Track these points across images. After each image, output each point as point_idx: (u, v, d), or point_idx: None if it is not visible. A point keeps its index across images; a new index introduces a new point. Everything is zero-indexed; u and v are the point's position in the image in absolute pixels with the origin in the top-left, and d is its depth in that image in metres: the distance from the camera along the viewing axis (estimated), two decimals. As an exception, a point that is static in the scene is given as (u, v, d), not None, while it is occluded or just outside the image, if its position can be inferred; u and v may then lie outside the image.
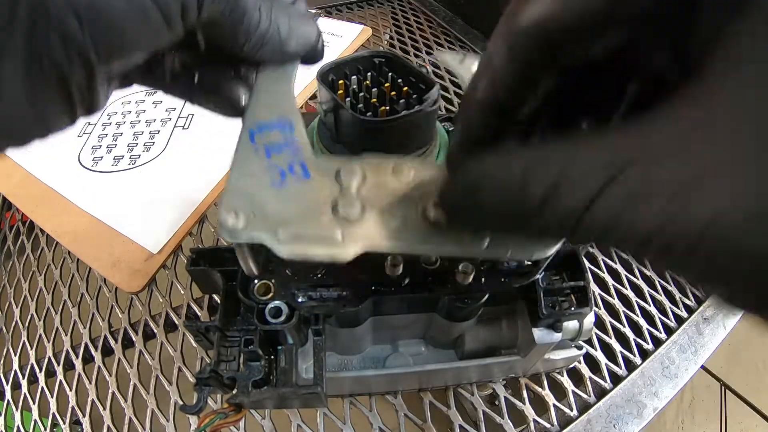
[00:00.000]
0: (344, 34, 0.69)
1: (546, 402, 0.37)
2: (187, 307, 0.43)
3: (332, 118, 0.29)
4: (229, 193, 0.21)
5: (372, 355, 0.35)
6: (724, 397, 0.96)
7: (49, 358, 0.41)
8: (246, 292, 0.28)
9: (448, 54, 0.68)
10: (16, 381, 0.41)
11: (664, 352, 0.39)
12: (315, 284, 0.29)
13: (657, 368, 0.38)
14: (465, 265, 0.29)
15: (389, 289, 0.29)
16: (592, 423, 0.36)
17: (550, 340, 0.31)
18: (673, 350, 0.40)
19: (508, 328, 0.33)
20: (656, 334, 0.41)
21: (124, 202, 0.49)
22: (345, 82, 0.33)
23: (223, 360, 0.26)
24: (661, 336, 0.41)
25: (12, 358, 0.42)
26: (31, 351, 0.42)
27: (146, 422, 0.36)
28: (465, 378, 0.37)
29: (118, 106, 0.60)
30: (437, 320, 0.31)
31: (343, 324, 0.30)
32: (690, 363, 0.39)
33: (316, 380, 0.26)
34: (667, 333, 0.41)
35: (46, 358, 0.41)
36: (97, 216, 0.48)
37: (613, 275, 0.45)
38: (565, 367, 0.37)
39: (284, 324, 0.26)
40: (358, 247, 0.20)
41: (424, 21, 0.78)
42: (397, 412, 0.36)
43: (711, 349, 0.40)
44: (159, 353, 0.40)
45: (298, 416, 0.36)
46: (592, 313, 0.31)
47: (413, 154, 0.31)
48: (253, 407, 0.30)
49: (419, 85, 0.31)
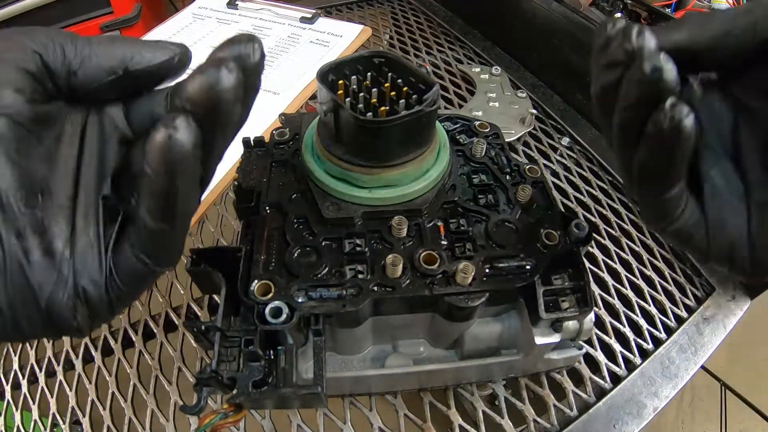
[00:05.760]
0: (344, 34, 0.69)
1: (546, 402, 0.37)
2: (187, 307, 0.43)
3: (332, 118, 0.29)
4: None
5: (372, 355, 0.35)
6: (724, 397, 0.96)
7: (49, 358, 0.41)
8: (246, 292, 0.28)
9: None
10: (16, 381, 0.41)
11: (664, 352, 0.39)
12: (315, 284, 0.29)
13: (657, 368, 0.38)
14: (465, 265, 0.29)
15: (389, 289, 0.29)
16: (592, 423, 0.35)
17: (550, 340, 0.31)
18: (673, 350, 0.40)
19: (508, 328, 0.33)
20: (656, 334, 0.41)
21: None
22: (345, 82, 0.33)
23: (223, 360, 0.26)
24: (661, 336, 0.41)
25: (12, 358, 0.42)
26: (30, 351, 0.42)
27: (146, 422, 0.36)
28: (465, 378, 0.37)
29: (118, 106, 0.60)
30: (437, 320, 0.31)
31: (343, 324, 0.30)
32: (690, 363, 0.39)
33: (316, 380, 0.26)
34: (667, 333, 0.41)
35: (46, 358, 0.41)
36: (97, 216, 0.48)
37: (613, 275, 0.45)
38: (565, 367, 0.37)
39: (284, 324, 0.26)
40: None
41: (424, 21, 0.78)
42: (397, 412, 0.36)
43: (711, 349, 0.40)
44: (159, 353, 0.40)
45: (298, 416, 0.36)
46: (592, 313, 0.31)
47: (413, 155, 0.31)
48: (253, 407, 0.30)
49: (419, 85, 0.31)
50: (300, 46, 0.68)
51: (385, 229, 0.31)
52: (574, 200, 0.51)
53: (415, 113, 0.28)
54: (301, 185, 0.34)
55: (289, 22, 0.72)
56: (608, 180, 0.54)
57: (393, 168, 0.31)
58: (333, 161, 0.31)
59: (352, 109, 0.29)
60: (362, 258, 0.30)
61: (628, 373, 0.38)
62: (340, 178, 0.32)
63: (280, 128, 0.38)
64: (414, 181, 0.32)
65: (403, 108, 0.31)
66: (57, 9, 0.97)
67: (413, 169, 0.31)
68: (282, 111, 0.55)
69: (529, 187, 0.34)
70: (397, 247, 0.31)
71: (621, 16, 0.69)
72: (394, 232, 0.31)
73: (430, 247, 0.30)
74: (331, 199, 0.32)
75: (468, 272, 0.28)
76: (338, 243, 0.31)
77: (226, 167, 0.51)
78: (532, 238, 0.32)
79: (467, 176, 0.36)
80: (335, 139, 0.30)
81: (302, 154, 0.34)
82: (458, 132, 0.39)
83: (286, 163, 0.36)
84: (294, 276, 0.29)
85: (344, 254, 0.30)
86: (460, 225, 0.32)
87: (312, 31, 0.71)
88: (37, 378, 0.40)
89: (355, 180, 0.31)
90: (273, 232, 0.32)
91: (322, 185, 0.32)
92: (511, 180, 0.35)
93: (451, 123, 0.40)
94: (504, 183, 0.35)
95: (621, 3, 0.71)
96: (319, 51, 0.67)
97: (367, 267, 0.30)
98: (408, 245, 0.31)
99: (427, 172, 0.32)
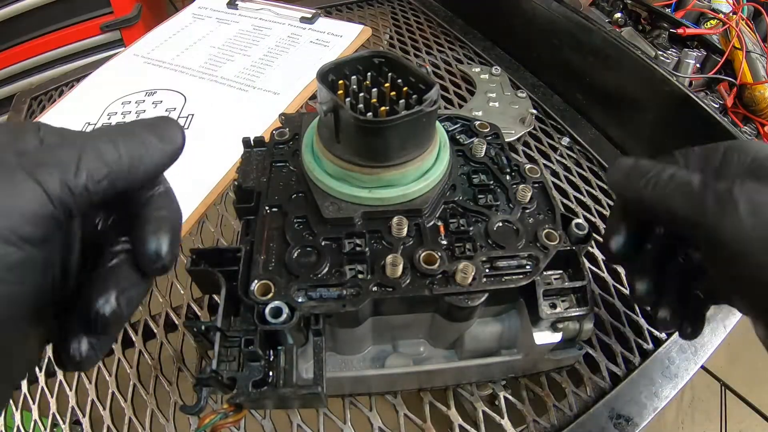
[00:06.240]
0: (344, 34, 0.69)
1: (546, 402, 0.37)
2: (187, 307, 0.43)
3: (332, 119, 0.29)
4: None
5: (372, 355, 0.35)
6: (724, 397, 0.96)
7: (49, 358, 0.41)
8: (246, 292, 0.28)
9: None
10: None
11: (664, 352, 0.39)
12: (315, 284, 0.29)
13: (657, 368, 0.38)
14: (465, 265, 0.29)
15: (389, 289, 0.29)
16: (592, 423, 0.35)
17: (550, 340, 0.31)
18: (673, 350, 0.39)
19: (508, 328, 0.33)
20: (656, 334, 0.41)
21: (124, 202, 0.49)
22: (345, 82, 0.33)
23: (223, 360, 0.26)
24: (661, 336, 0.41)
25: (12, 358, 0.42)
26: (31, 351, 0.42)
27: (146, 422, 0.36)
28: (465, 378, 0.37)
29: (118, 106, 0.60)
30: (437, 320, 0.31)
31: (343, 324, 0.30)
32: (690, 363, 0.39)
33: (315, 380, 0.26)
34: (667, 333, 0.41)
35: (46, 358, 0.41)
36: (97, 216, 0.48)
37: (613, 275, 0.45)
38: (565, 367, 0.37)
39: (284, 324, 0.26)
40: None
41: (424, 21, 0.78)
42: (397, 412, 0.36)
43: (711, 349, 0.40)
44: (159, 353, 0.40)
45: (298, 416, 0.36)
46: (592, 313, 0.31)
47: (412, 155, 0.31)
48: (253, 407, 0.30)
49: (419, 85, 0.31)
50: (300, 46, 0.68)
51: (385, 229, 0.31)
52: (574, 200, 0.51)
53: (415, 113, 0.28)
54: (301, 185, 0.34)
55: (289, 22, 0.73)
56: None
57: (393, 168, 0.31)
58: (333, 161, 0.31)
59: (352, 109, 0.29)
60: (362, 258, 0.30)
61: (628, 374, 0.38)
62: (340, 178, 0.32)
63: (280, 128, 0.38)
64: (414, 181, 0.32)
65: (403, 108, 0.31)
66: (57, 9, 0.97)
67: (413, 169, 0.31)
68: (282, 111, 0.55)
69: (529, 187, 0.34)
70: (397, 247, 0.31)
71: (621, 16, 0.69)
72: (394, 232, 0.31)
73: (430, 247, 0.30)
74: (331, 199, 0.32)
75: (468, 272, 0.28)
76: (338, 243, 0.31)
77: (226, 167, 0.51)
78: (532, 238, 0.32)
79: (467, 176, 0.36)
80: (335, 140, 0.30)
81: (302, 154, 0.34)
82: (458, 132, 0.39)
83: (286, 163, 0.36)
84: (294, 276, 0.29)
85: (344, 254, 0.30)
86: (460, 225, 0.32)
87: (312, 31, 0.71)
88: (37, 378, 0.40)
89: (355, 180, 0.31)
90: (273, 232, 0.32)
91: (322, 185, 0.32)
92: (511, 180, 0.35)
93: (451, 123, 0.40)
94: (504, 183, 0.35)
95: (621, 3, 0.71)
96: (319, 51, 0.67)
97: (367, 267, 0.30)
98: (408, 245, 0.31)
99: (427, 172, 0.32)
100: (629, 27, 0.68)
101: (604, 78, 0.58)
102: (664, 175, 0.25)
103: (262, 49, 0.68)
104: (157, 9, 1.19)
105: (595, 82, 0.59)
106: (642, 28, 0.68)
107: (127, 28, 1.04)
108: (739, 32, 0.59)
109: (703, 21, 0.68)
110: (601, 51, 0.56)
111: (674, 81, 0.50)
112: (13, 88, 1.01)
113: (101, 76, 0.66)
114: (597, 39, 0.56)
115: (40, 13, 0.96)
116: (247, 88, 0.61)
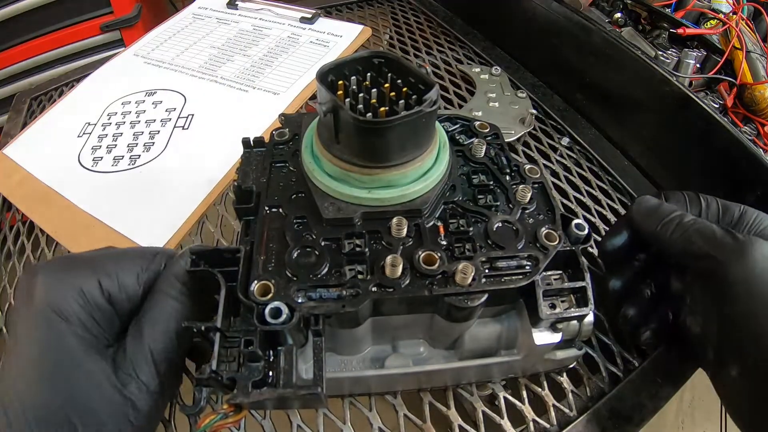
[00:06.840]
0: (344, 34, 0.69)
1: (545, 402, 0.37)
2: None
3: (331, 119, 0.29)
4: None
5: (372, 355, 0.35)
6: (724, 397, 0.96)
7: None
8: (246, 292, 0.28)
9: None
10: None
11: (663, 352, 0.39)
12: (315, 285, 0.29)
13: (657, 368, 0.38)
14: (464, 266, 0.29)
15: (389, 290, 0.29)
16: (592, 423, 0.36)
17: (550, 340, 0.31)
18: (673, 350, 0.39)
19: (507, 328, 0.33)
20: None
21: (124, 203, 0.49)
22: (344, 82, 0.33)
23: (223, 360, 0.26)
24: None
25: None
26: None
27: (146, 422, 0.36)
28: (465, 378, 0.37)
29: (118, 106, 0.60)
30: (437, 321, 0.31)
31: (343, 324, 0.30)
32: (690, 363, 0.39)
33: (315, 381, 0.26)
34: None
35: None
36: (97, 216, 0.48)
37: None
38: (565, 367, 0.37)
39: (284, 325, 0.26)
40: None
41: (424, 21, 0.78)
42: (396, 412, 0.36)
43: (711, 349, 0.40)
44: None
45: (298, 416, 0.36)
46: (591, 313, 0.31)
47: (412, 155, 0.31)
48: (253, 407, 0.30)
49: (419, 85, 0.31)
50: (300, 46, 0.68)
51: (384, 230, 0.31)
52: (574, 200, 0.51)
53: (414, 113, 0.28)
54: (300, 186, 0.34)
55: (289, 23, 0.73)
56: (608, 180, 0.54)
57: (393, 168, 0.31)
58: (332, 161, 0.31)
59: (352, 110, 0.29)
60: (362, 258, 0.30)
61: (628, 374, 0.38)
62: (340, 179, 0.32)
63: (280, 128, 0.38)
64: (414, 181, 0.32)
65: (402, 108, 0.31)
66: (57, 9, 0.97)
67: (413, 169, 0.31)
68: (282, 111, 0.55)
69: (529, 187, 0.34)
70: (396, 247, 0.31)
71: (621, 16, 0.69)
72: (394, 233, 0.31)
73: (430, 248, 0.30)
74: (331, 200, 0.32)
75: (467, 272, 0.28)
76: (338, 243, 0.31)
77: (226, 167, 0.51)
78: (531, 238, 0.32)
79: (467, 176, 0.36)
80: (335, 140, 0.30)
81: (302, 155, 0.34)
82: (458, 132, 0.39)
83: (286, 164, 0.36)
84: (294, 276, 0.29)
85: (344, 255, 0.30)
86: (460, 225, 0.32)
87: (312, 31, 0.71)
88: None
89: (355, 180, 0.31)
90: (273, 232, 0.32)
91: (322, 185, 0.32)
92: (511, 180, 0.35)
93: (450, 123, 0.40)
94: (504, 183, 0.35)
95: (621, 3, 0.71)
96: (319, 51, 0.67)
97: (366, 267, 0.30)
98: (407, 246, 0.31)
99: (426, 172, 0.32)
100: (629, 27, 0.68)
101: (604, 78, 0.58)
102: (686, 219, 0.32)
103: (262, 50, 0.68)
104: (157, 9, 1.19)
105: (595, 82, 0.59)
106: (642, 28, 0.68)
107: (127, 29, 1.04)
108: (739, 32, 0.59)
109: (703, 21, 0.68)
110: (601, 51, 0.56)
111: (674, 81, 0.50)
112: (13, 88, 1.01)
113: (101, 76, 0.66)
114: (597, 39, 0.56)
115: (39, 13, 0.96)
116: (247, 88, 0.61)
